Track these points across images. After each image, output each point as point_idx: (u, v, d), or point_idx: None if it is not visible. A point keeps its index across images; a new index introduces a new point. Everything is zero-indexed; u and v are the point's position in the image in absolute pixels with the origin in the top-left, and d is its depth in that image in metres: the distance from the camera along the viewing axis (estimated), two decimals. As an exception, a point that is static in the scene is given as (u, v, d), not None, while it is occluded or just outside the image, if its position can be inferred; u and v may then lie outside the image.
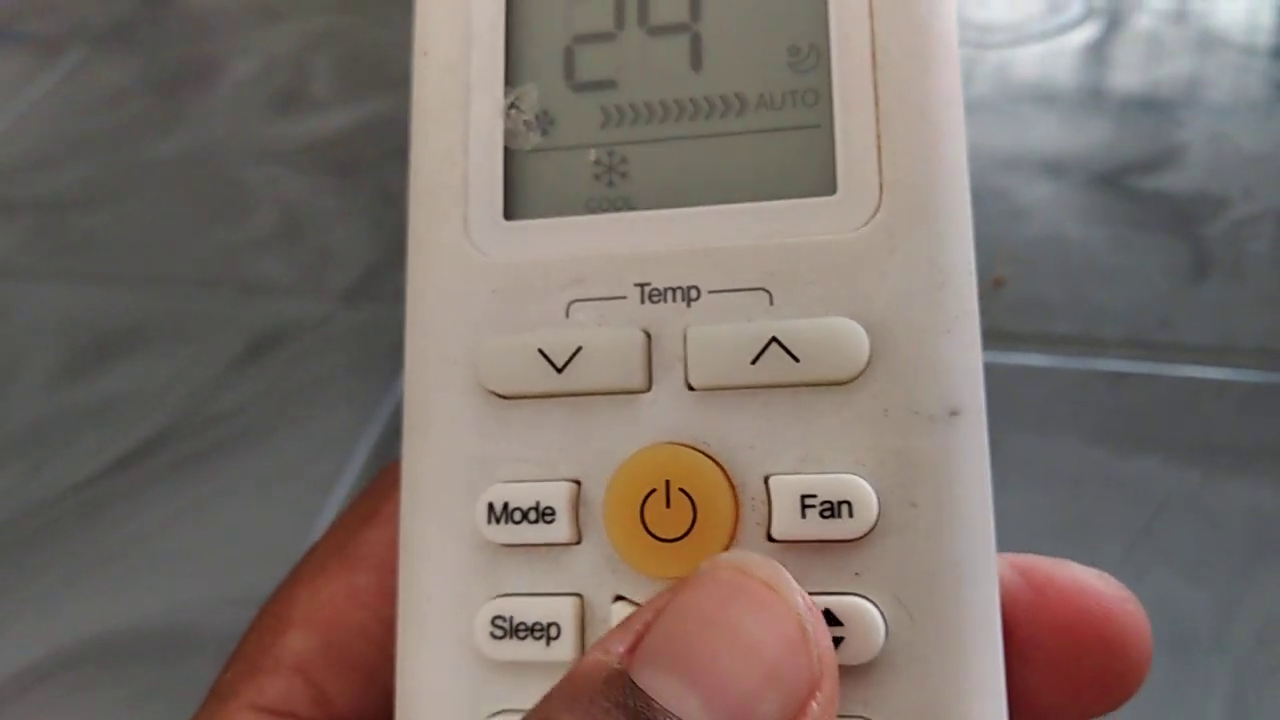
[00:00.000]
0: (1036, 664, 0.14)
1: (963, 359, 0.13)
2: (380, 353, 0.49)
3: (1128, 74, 0.59)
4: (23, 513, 0.45)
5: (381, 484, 0.17)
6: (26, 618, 0.41)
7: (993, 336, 0.45)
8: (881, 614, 0.13)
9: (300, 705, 0.16)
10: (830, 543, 0.13)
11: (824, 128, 0.14)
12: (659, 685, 0.11)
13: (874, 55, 0.14)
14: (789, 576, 0.12)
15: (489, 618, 0.14)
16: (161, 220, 0.58)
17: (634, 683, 0.11)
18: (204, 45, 0.72)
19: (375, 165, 0.60)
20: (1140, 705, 0.15)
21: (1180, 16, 0.63)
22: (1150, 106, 0.57)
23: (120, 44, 0.73)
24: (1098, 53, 0.61)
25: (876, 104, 0.14)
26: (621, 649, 0.12)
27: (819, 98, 0.14)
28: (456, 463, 0.14)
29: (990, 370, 0.48)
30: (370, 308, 0.51)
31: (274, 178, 0.60)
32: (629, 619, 0.12)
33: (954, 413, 0.13)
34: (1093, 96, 0.58)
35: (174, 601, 0.41)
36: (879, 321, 0.13)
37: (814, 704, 0.12)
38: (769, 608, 0.12)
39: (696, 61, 0.15)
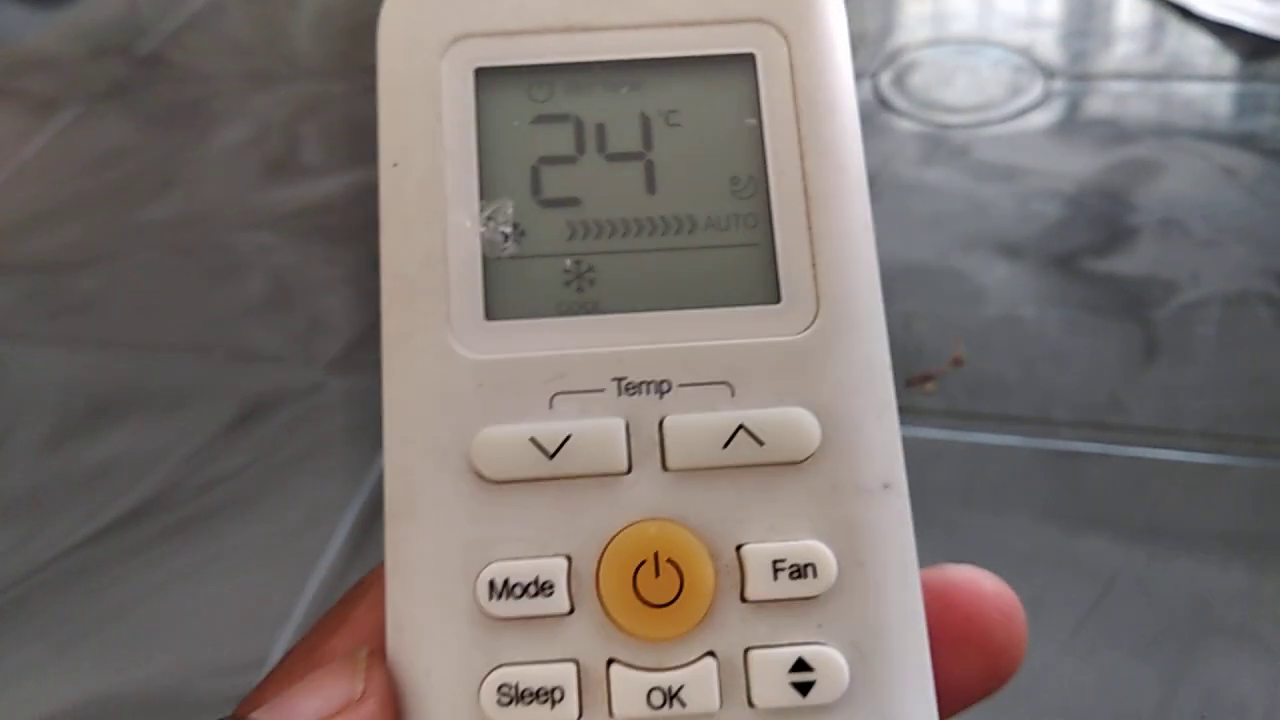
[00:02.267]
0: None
1: (890, 440, 0.16)
2: (369, 421, 0.50)
3: (1083, 156, 0.62)
4: (13, 578, 0.45)
5: (354, 594, 0.19)
6: (16, 684, 0.42)
7: (950, 415, 0.48)
8: (844, 660, 0.15)
9: None
10: (796, 600, 0.15)
11: (763, 246, 0.16)
12: None
13: (805, 188, 0.16)
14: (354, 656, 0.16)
15: (495, 686, 0.15)
16: (154, 284, 0.60)
17: None
18: (197, 108, 0.74)
19: (364, 232, 0.61)
20: None
21: (1139, 100, 0.66)
22: (1104, 189, 0.59)
23: (114, 105, 0.75)
24: (1057, 134, 0.64)
25: (810, 229, 0.16)
26: None
27: (758, 221, 0.16)
28: (450, 544, 0.15)
29: (946, 448, 0.50)
30: (359, 376, 0.53)
31: (265, 244, 0.61)
32: None
33: (886, 485, 0.16)
34: (1048, 179, 0.60)
35: (163, 668, 0.42)
36: (825, 409, 0.16)
37: (367, 692, 0.15)
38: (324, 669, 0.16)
39: (650, 185, 0.17)
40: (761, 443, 0.16)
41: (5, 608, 0.44)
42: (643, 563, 0.15)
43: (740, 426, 0.16)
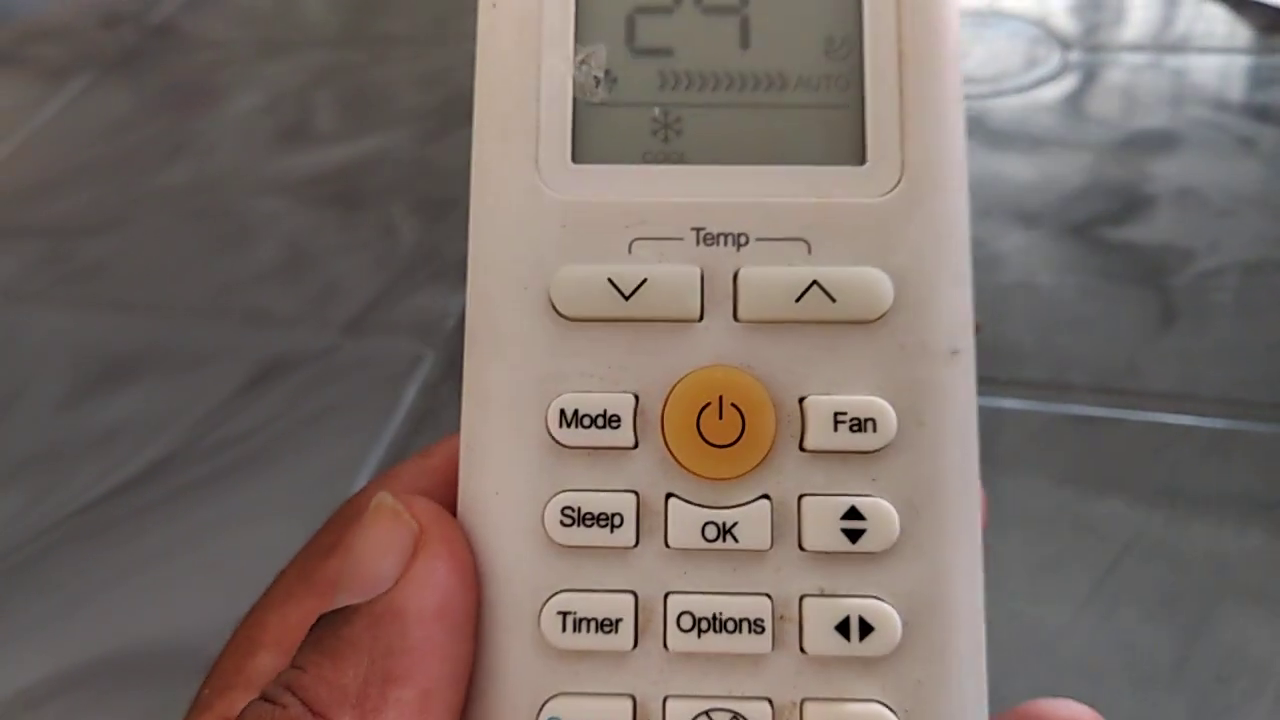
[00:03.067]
0: None
1: (962, 308, 0.16)
2: (383, 384, 0.50)
3: (1100, 126, 0.61)
4: (27, 536, 0.45)
5: (343, 516, 0.19)
6: (29, 640, 0.42)
7: (969, 380, 0.48)
8: (896, 512, 0.16)
9: None
10: (853, 453, 0.16)
11: (853, 108, 0.16)
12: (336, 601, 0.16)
13: (900, 51, 0.16)
14: (381, 494, 0.16)
15: (559, 507, 0.16)
16: (167, 249, 0.60)
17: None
18: (209, 77, 0.73)
19: (377, 199, 0.61)
20: None
21: (1153, 71, 0.65)
22: (1121, 159, 0.59)
23: (126, 73, 0.75)
24: (1072, 106, 0.63)
25: (901, 93, 0.16)
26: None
27: (850, 83, 0.17)
28: (526, 374, 0.16)
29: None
30: (375, 339, 0.53)
31: (277, 210, 0.61)
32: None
33: (954, 351, 0.16)
34: (1066, 148, 0.60)
35: (176, 625, 0.42)
36: (899, 272, 0.16)
37: (426, 548, 0.15)
38: (371, 512, 0.16)
39: (744, 40, 0.17)
40: (834, 299, 0.16)
41: (19, 564, 0.45)
42: (707, 404, 0.16)
43: (814, 282, 0.16)
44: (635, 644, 0.16)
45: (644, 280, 0.16)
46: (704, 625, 0.16)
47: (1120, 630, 0.39)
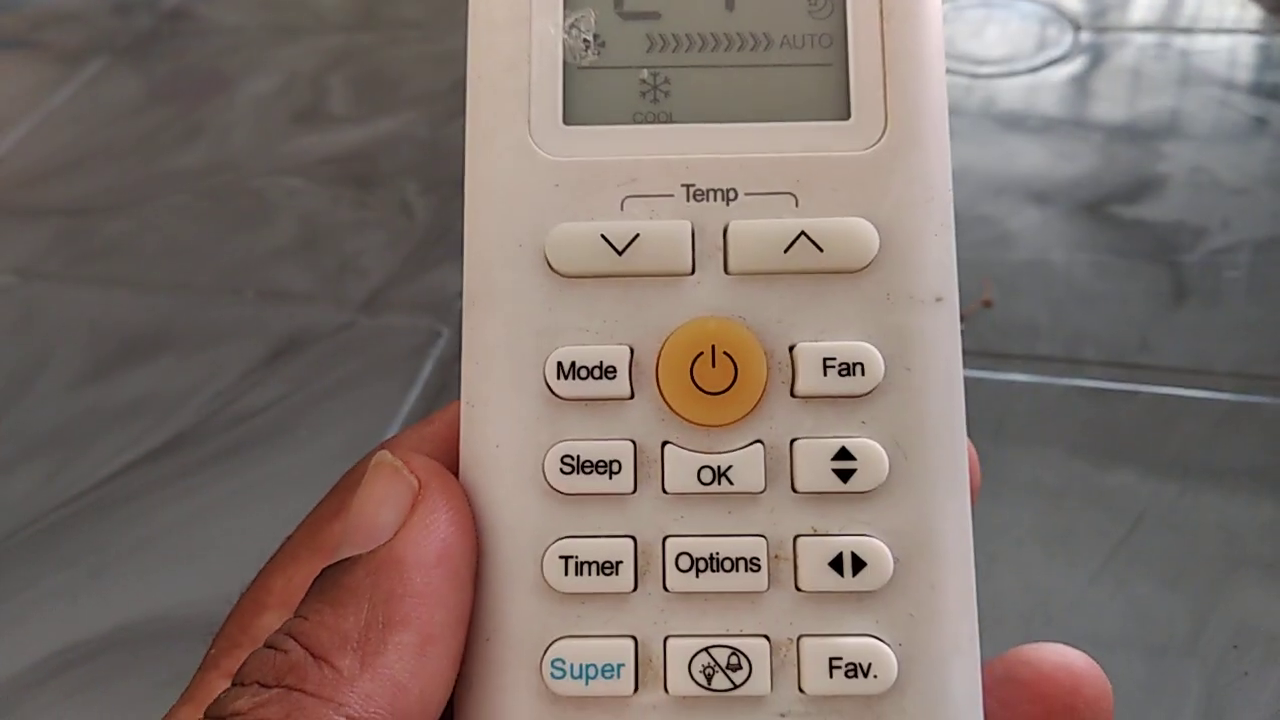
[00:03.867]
0: None
1: (945, 256, 0.16)
2: (398, 360, 0.50)
3: (1112, 106, 0.61)
4: (48, 507, 0.46)
5: (347, 483, 0.19)
6: (51, 609, 0.42)
7: (980, 355, 0.48)
8: (885, 454, 0.16)
9: None
10: (842, 398, 0.16)
11: (837, 65, 0.17)
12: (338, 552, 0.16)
13: (881, 7, 0.17)
14: (381, 453, 0.16)
15: (559, 456, 0.16)
16: (183, 228, 0.60)
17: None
18: (223, 60, 0.74)
19: (392, 179, 0.61)
20: (1118, 707, 0.17)
21: (1163, 52, 0.65)
22: (1133, 138, 0.59)
23: (140, 56, 0.75)
24: (1083, 86, 0.63)
25: (883, 50, 0.17)
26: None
27: (833, 40, 0.17)
28: (523, 330, 0.16)
29: (979, 386, 0.50)
30: (390, 315, 0.53)
31: (293, 189, 0.61)
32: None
33: (938, 299, 0.16)
34: (1078, 128, 0.60)
35: (193, 595, 0.42)
36: (885, 223, 0.16)
37: (423, 502, 0.16)
38: (374, 468, 0.16)
39: (729, 2, 0.17)
40: (821, 249, 0.16)
41: (39, 536, 0.45)
42: (700, 354, 0.16)
43: (802, 233, 0.16)
44: (636, 586, 0.16)
45: (636, 235, 0.16)
46: (701, 565, 0.16)
47: (1133, 601, 0.39)
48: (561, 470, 0.16)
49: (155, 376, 0.51)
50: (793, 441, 0.16)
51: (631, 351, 0.16)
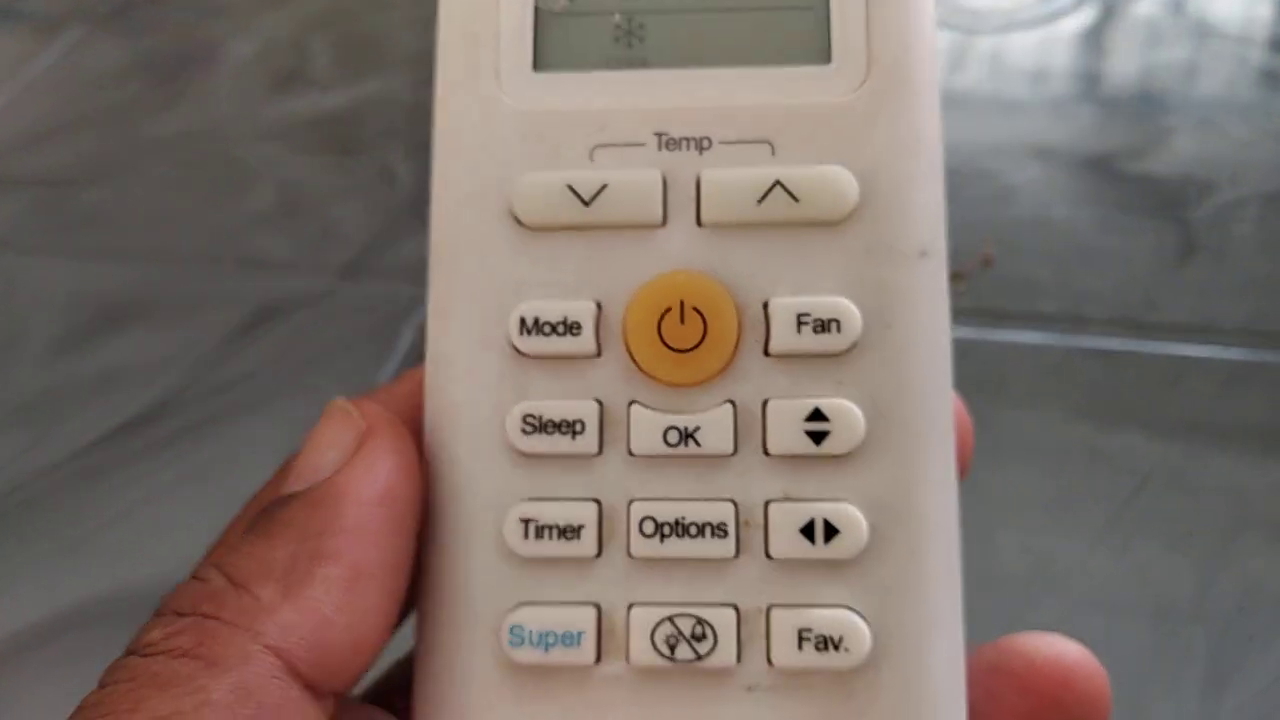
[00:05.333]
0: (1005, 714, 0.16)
1: (931, 209, 0.16)
2: (379, 327, 0.49)
3: (1119, 61, 0.60)
4: (26, 478, 0.45)
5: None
6: (28, 581, 0.42)
7: (980, 313, 0.47)
8: (862, 414, 0.15)
9: None
10: (818, 357, 0.15)
11: (818, 7, 0.16)
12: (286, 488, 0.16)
13: None
14: (333, 401, 0.16)
15: (520, 416, 0.15)
16: (162, 196, 0.59)
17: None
18: (202, 26, 0.72)
19: (374, 144, 0.60)
20: (1123, 670, 0.16)
21: (1175, 5, 0.64)
22: (1140, 94, 0.58)
23: (119, 24, 0.74)
24: (1089, 40, 0.62)
25: None
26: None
27: None
28: (487, 284, 0.16)
29: (979, 346, 0.49)
30: (370, 283, 0.52)
31: (273, 156, 0.60)
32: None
33: (923, 253, 0.15)
34: (1083, 83, 0.59)
35: (173, 566, 0.41)
36: (866, 172, 0.15)
37: (366, 443, 0.15)
38: (325, 413, 0.16)
39: None
40: (797, 199, 0.15)
41: (16, 507, 0.44)
42: (668, 309, 0.15)
43: (777, 182, 0.15)
44: (599, 552, 0.15)
45: (604, 186, 0.16)
46: (667, 531, 0.15)
47: (1138, 563, 0.38)
48: (524, 430, 0.15)
49: (134, 346, 0.50)
50: (765, 402, 0.15)
51: (599, 307, 0.16)
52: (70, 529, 0.43)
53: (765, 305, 0.15)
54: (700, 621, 0.15)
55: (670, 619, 0.15)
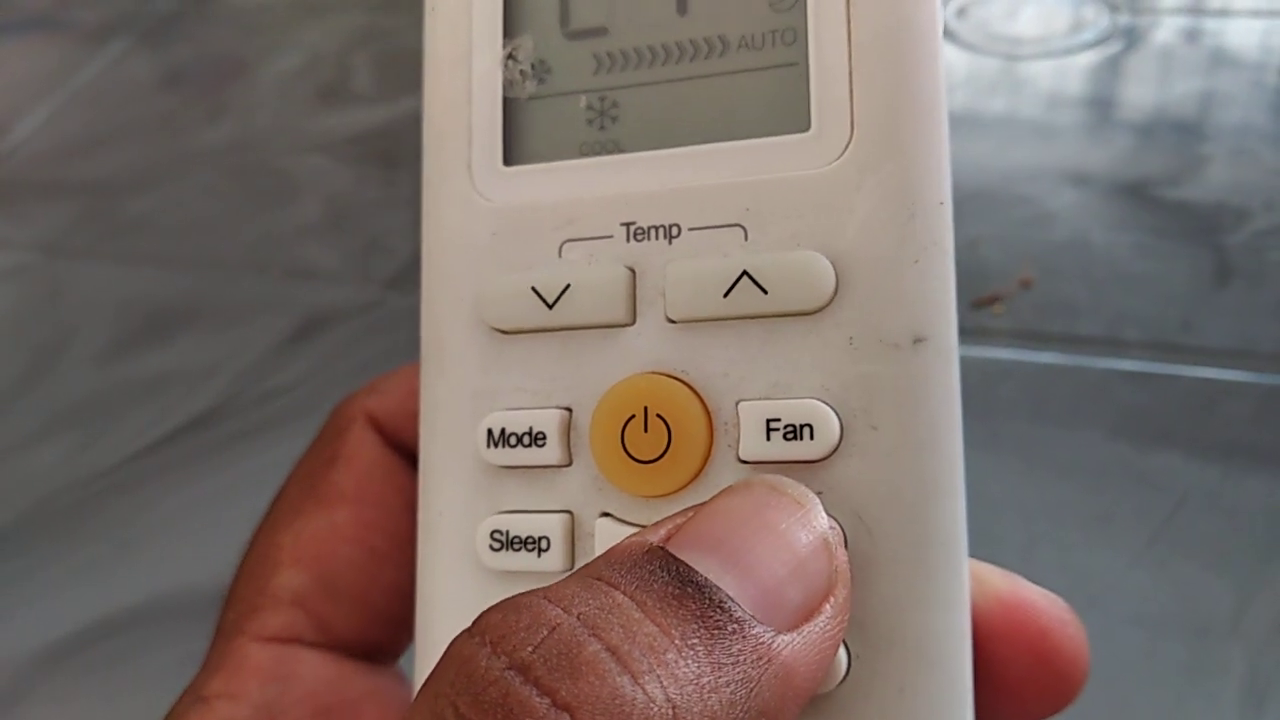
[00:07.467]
0: (985, 672, 0.15)
1: (930, 288, 0.14)
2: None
3: (1149, 88, 0.61)
4: (76, 482, 0.46)
5: (334, 427, 0.19)
6: (79, 583, 0.42)
7: (1019, 335, 0.47)
8: (843, 530, 0.14)
9: (304, 632, 0.17)
10: (795, 464, 0.14)
11: (800, 65, 0.14)
12: (696, 562, 0.12)
13: None
14: (815, 498, 0.13)
15: (488, 531, 0.15)
16: (208, 205, 0.60)
17: (674, 554, 0.12)
18: (247, 40, 0.73)
19: (417, 158, 0.61)
20: (1161, 687, 0.16)
21: (1195, 36, 0.64)
22: (1171, 121, 0.58)
23: (165, 36, 0.75)
24: (1122, 68, 0.62)
25: (849, 39, 0.14)
26: (660, 535, 0.12)
27: (797, 36, 0.14)
28: (463, 393, 0.15)
29: (1015, 367, 0.49)
30: (416, 294, 0.53)
31: (319, 168, 0.61)
32: (663, 520, 0.13)
33: (919, 340, 0.14)
34: (1115, 109, 0.59)
35: (221, 569, 0.42)
36: (846, 253, 0.14)
37: (829, 604, 0.12)
38: (799, 516, 0.13)
39: (683, 7, 0.15)
40: (765, 291, 0.14)
41: (68, 510, 0.45)
42: (632, 417, 0.14)
43: (743, 273, 0.14)
44: None
45: (567, 286, 0.15)
46: None
47: (1177, 582, 0.38)
48: (491, 547, 0.15)
49: (182, 353, 0.51)
50: None
51: (570, 413, 0.15)
52: (118, 533, 0.44)
53: (738, 406, 0.14)
54: None
55: None
